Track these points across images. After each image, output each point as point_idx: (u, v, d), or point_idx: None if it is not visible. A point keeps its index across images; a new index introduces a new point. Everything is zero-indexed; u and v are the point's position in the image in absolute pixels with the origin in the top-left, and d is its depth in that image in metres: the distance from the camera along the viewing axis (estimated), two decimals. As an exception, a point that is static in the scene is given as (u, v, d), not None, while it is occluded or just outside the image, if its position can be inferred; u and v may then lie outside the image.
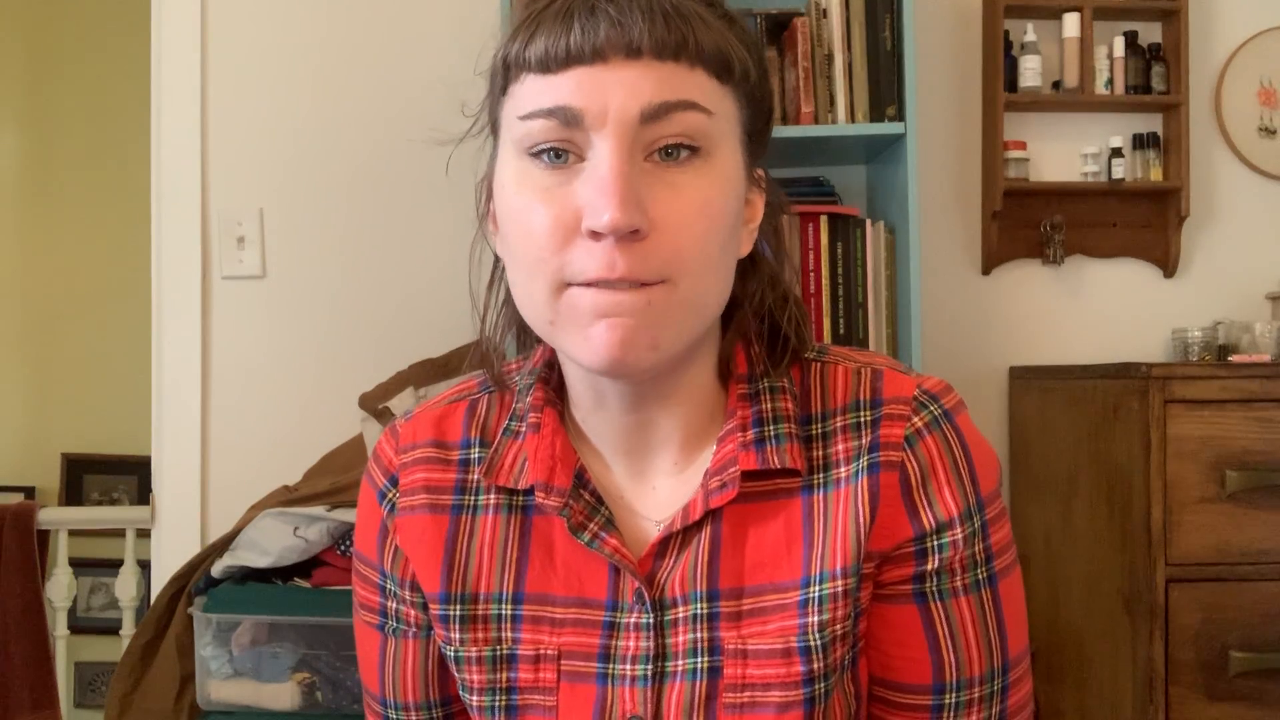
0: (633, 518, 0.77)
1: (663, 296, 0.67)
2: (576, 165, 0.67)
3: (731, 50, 0.69)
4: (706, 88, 0.68)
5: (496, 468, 0.78)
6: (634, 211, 0.65)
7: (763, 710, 0.72)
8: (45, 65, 3.76)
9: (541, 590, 0.77)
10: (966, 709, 0.76)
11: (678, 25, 0.66)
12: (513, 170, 0.70)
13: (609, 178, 0.65)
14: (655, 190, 0.67)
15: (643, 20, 0.66)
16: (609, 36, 0.65)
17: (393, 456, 0.82)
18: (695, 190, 0.68)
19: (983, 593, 0.75)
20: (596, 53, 0.66)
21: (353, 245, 2.25)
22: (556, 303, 0.68)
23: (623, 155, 0.66)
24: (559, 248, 0.67)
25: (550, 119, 0.67)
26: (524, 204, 0.68)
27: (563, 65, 0.66)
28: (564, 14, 0.67)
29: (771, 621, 0.73)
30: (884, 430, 0.74)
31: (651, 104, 0.66)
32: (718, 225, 0.69)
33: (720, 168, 0.69)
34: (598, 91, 0.66)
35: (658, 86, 0.66)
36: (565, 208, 0.67)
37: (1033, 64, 2.21)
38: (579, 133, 0.67)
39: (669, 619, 0.74)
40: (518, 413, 0.80)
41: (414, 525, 0.80)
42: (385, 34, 2.27)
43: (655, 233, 0.66)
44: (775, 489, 0.75)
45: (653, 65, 0.66)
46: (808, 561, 0.73)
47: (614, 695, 0.74)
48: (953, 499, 0.74)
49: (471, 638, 0.78)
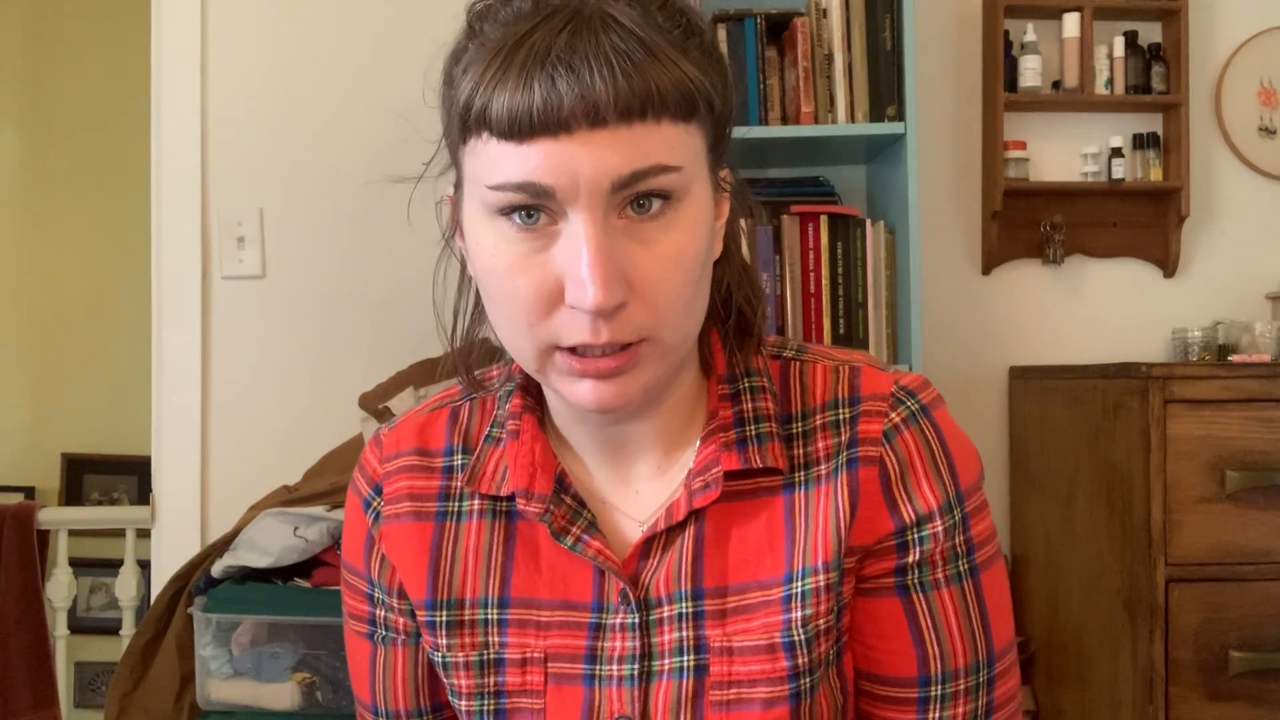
0: (616, 519, 0.78)
1: (647, 351, 0.68)
2: (550, 228, 0.67)
3: (693, 85, 0.67)
4: (673, 138, 0.66)
5: (479, 475, 0.79)
6: (616, 289, 0.65)
7: (749, 707, 0.73)
8: (45, 65, 3.75)
9: (527, 594, 0.77)
10: (953, 701, 0.76)
11: (637, 81, 0.64)
12: (485, 229, 0.69)
13: (589, 258, 0.64)
14: (629, 250, 0.66)
15: (603, 83, 0.63)
16: (572, 108, 0.63)
17: (377, 466, 0.83)
18: (669, 243, 0.67)
19: (965, 584, 0.76)
20: (561, 125, 0.63)
21: (353, 245, 2.25)
22: (545, 360, 0.69)
23: (599, 226, 0.65)
24: (543, 314, 0.67)
25: (520, 193, 0.66)
26: (504, 270, 0.68)
27: (527, 136, 0.64)
28: (523, 74, 0.64)
29: (756, 618, 0.74)
30: (862, 426, 0.75)
31: (621, 175, 0.65)
32: (692, 272, 0.69)
33: (690, 211, 0.68)
34: (565, 165, 0.64)
35: (626, 155, 0.64)
36: (546, 276, 0.66)
37: (1033, 64, 2.21)
38: (551, 201, 0.66)
39: (654, 618, 0.75)
40: (499, 419, 0.80)
41: (399, 533, 0.80)
42: (385, 34, 2.27)
43: (634, 296, 0.66)
44: (757, 488, 0.75)
45: (619, 132, 0.64)
46: (790, 558, 0.74)
47: (601, 696, 0.75)
48: (931, 492, 0.74)
49: (459, 643, 0.78)
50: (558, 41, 0.64)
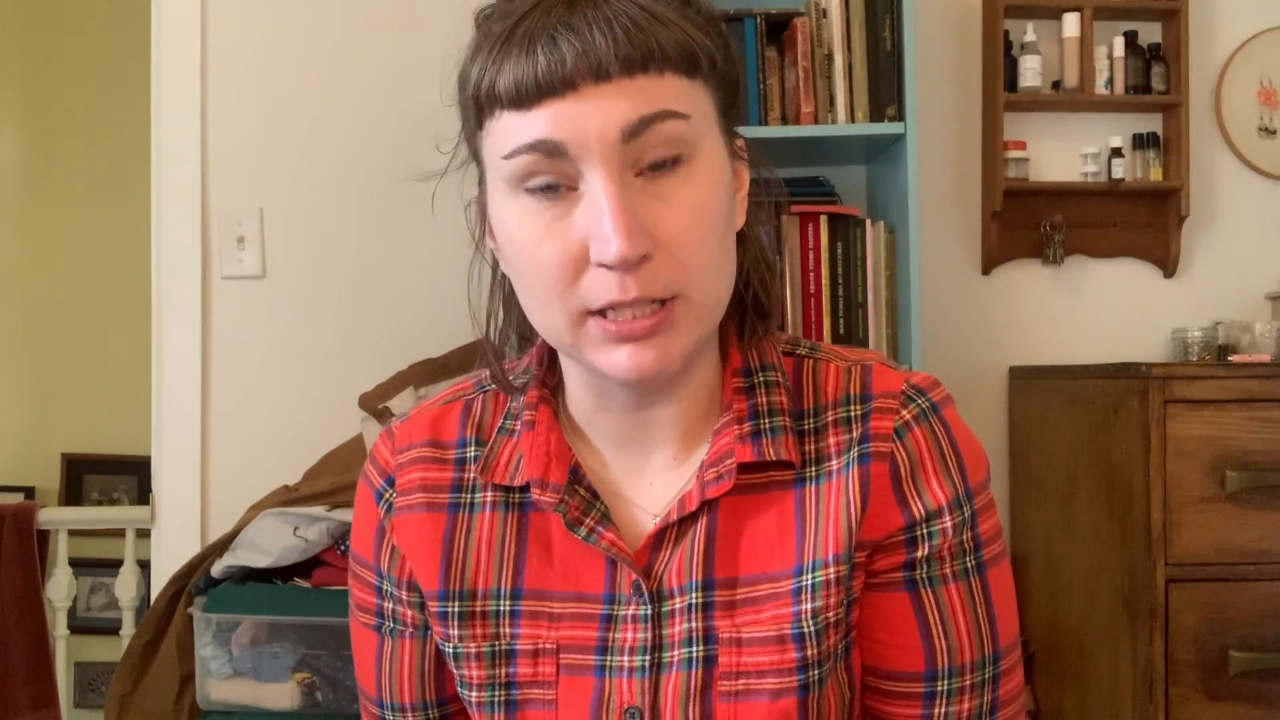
0: (629, 511, 0.78)
1: (680, 310, 0.69)
2: (571, 194, 0.68)
3: (695, 43, 0.69)
4: (679, 90, 0.68)
5: (492, 466, 0.79)
6: (639, 239, 0.66)
7: (758, 697, 0.73)
8: (45, 65, 3.76)
9: (539, 586, 0.78)
10: (958, 696, 0.77)
11: (638, 36, 0.66)
12: (509, 207, 0.70)
13: (610, 210, 0.66)
14: (649, 206, 0.68)
15: (604, 39, 0.66)
16: (575, 64, 0.65)
17: (389, 457, 0.83)
18: (686, 198, 0.69)
19: (972, 580, 0.76)
20: (566, 83, 0.66)
21: (353, 245, 2.25)
22: (578, 329, 0.70)
23: (615, 181, 0.67)
24: (572, 279, 0.68)
25: (533, 153, 0.67)
26: (529, 241, 0.69)
27: (535, 100, 0.67)
28: (526, 42, 0.67)
29: (765, 610, 0.74)
30: (874, 423, 0.76)
31: (630, 121, 0.66)
32: (714, 226, 0.70)
33: (706, 167, 0.70)
34: (575, 121, 0.66)
35: (633, 104, 0.66)
36: (571, 240, 0.68)
37: (1033, 64, 2.21)
38: (566, 163, 0.67)
39: (666, 610, 0.75)
40: (512, 411, 0.81)
41: (411, 524, 0.81)
42: (385, 33, 2.27)
43: (658, 250, 0.68)
44: (769, 481, 0.76)
45: (623, 84, 0.66)
46: (800, 550, 0.75)
47: (612, 687, 0.75)
48: (941, 488, 0.75)
49: (470, 634, 0.78)
50: (556, 11, 0.67)
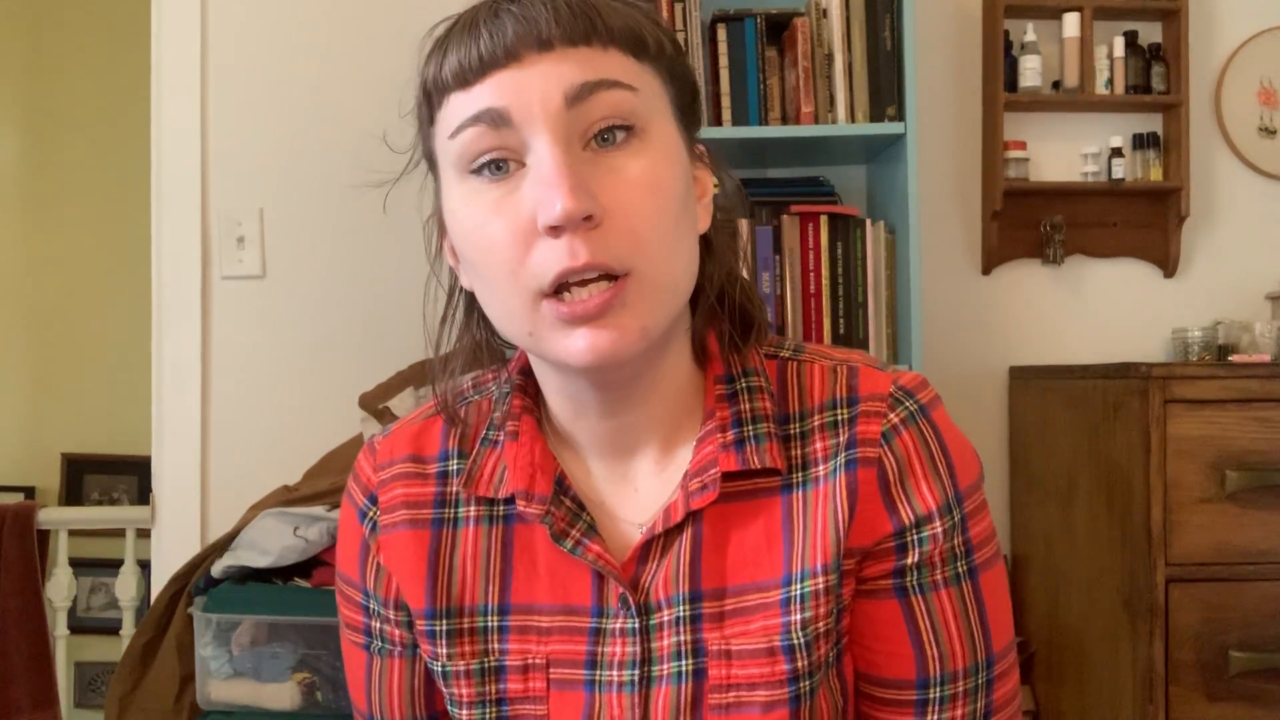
0: (614, 523, 0.77)
1: (633, 287, 0.67)
2: (519, 172, 0.68)
3: (643, 28, 0.69)
4: (625, 65, 0.68)
5: (476, 478, 0.78)
6: (584, 196, 0.65)
7: (749, 710, 0.72)
8: (45, 65, 3.75)
9: (527, 600, 0.76)
10: (951, 703, 0.75)
11: (582, 11, 0.67)
12: (459, 194, 0.70)
13: (553, 169, 0.65)
14: (599, 177, 0.67)
15: (547, 11, 0.66)
16: (517, 34, 0.66)
17: (371, 474, 0.82)
18: (637, 169, 0.68)
19: (963, 585, 0.75)
20: (509, 53, 0.66)
21: (353, 245, 2.25)
22: (534, 314, 0.68)
23: (560, 145, 0.66)
24: (523, 255, 0.67)
25: (477, 124, 0.67)
26: (477, 222, 0.68)
27: (479, 74, 0.67)
28: (470, 26, 0.68)
29: (754, 621, 0.73)
30: (861, 427, 0.74)
31: (573, 85, 0.66)
32: (668, 201, 0.69)
33: (657, 143, 0.69)
34: (518, 88, 0.66)
35: (576, 69, 0.66)
36: (519, 214, 0.67)
37: (1033, 64, 2.21)
38: (511, 134, 0.67)
39: (654, 623, 0.74)
40: (495, 422, 0.79)
41: (396, 542, 0.79)
42: (385, 33, 2.26)
43: (608, 218, 0.66)
44: (755, 489, 0.75)
45: (566, 53, 0.66)
46: (789, 560, 0.73)
47: (601, 702, 0.74)
48: (930, 493, 0.74)
49: (459, 651, 0.77)
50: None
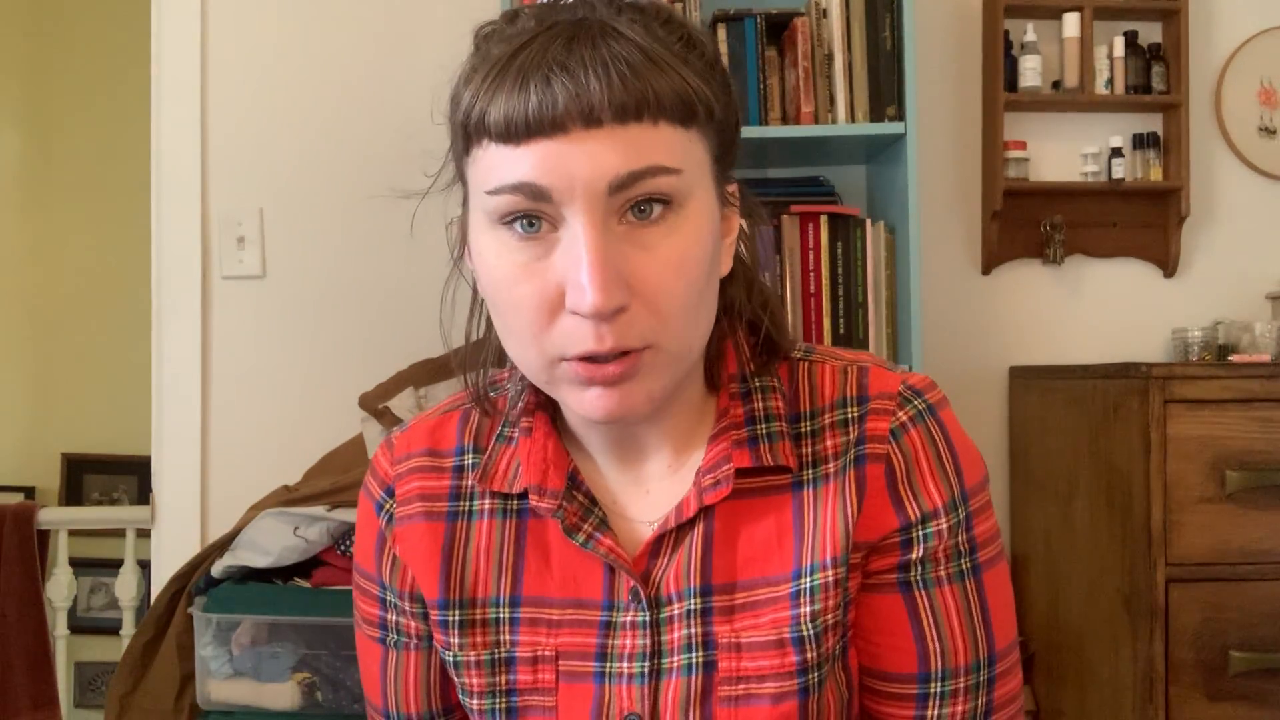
0: (625, 518, 0.78)
1: (649, 359, 0.68)
2: (551, 235, 0.67)
3: (692, 92, 0.67)
4: (672, 141, 0.67)
5: (490, 473, 0.79)
6: (616, 292, 0.65)
7: (758, 702, 0.73)
8: (45, 65, 3.76)
9: (538, 593, 0.78)
10: (952, 698, 0.76)
11: (634, 83, 0.64)
12: (488, 240, 0.69)
13: (588, 261, 0.64)
14: (630, 254, 0.66)
15: (598, 83, 0.64)
16: (567, 107, 0.64)
17: (388, 468, 0.83)
18: (670, 249, 0.67)
19: (967, 583, 0.76)
20: (556, 124, 0.64)
21: (353, 245, 2.25)
22: (551, 370, 0.69)
23: (597, 229, 0.65)
24: (547, 323, 0.67)
25: (516, 194, 0.66)
26: (506, 278, 0.68)
27: (523, 137, 0.65)
28: (519, 78, 0.65)
29: (764, 614, 0.74)
30: (870, 424, 0.76)
31: (619, 175, 0.65)
32: (695, 278, 0.69)
33: (693, 217, 0.68)
34: (562, 167, 0.65)
35: (623, 156, 0.65)
36: (547, 283, 0.67)
37: (1033, 64, 2.21)
38: (548, 205, 0.66)
39: (664, 616, 0.75)
40: (510, 419, 0.81)
41: (412, 534, 0.81)
42: (385, 33, 2.27)
43: (636, 300, 0.66)
44: (766, 486, 0.76)
45: (615, 131, 0.64)
46: (798, 554, 0.75)
47: (611, 694, 0.75)
48: (937, 490, 0.75)
49: (470, 642, 0.78)
50: (554, 47, 0.65)
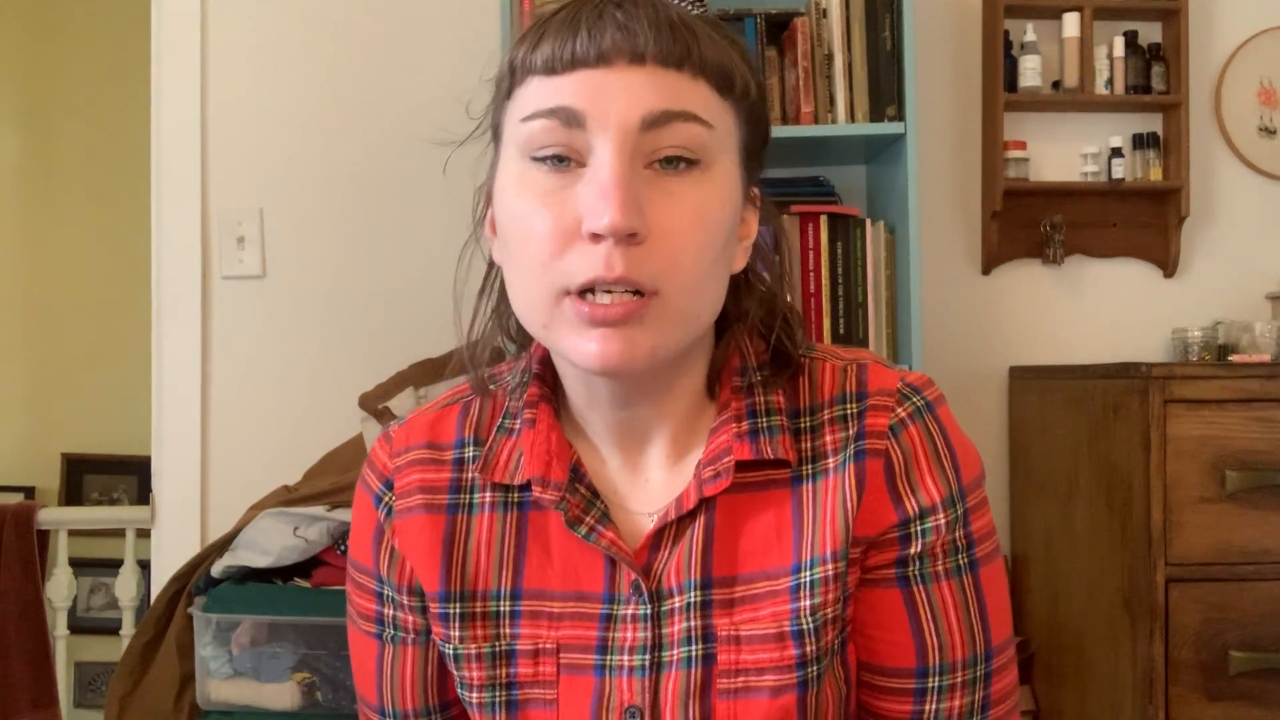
0: (627, 511, 0.79)
1: (655, 308, 0.69)
2: (577, 170, 0.69)
3: (734, 66, 0.71)
4: (708, 100, 0.70)
5: (492, 464, 0.79)
6: (633, 214, 0.66)
7: (757, 694, 0.74)
8: (45, 65, 3.76)
9: (539, 585, 0.78)
10: (949, 693, 0.77)
11: (683, 36, 0.68)
12: (514, 173, 0.71)
13: (610, 181, 0.66)
14: (653, 197, 0.68)
15: (649, 28, 0.67)
16: (615, 41, 0.67)
17: (387, 461, 0.83)
18: (692, 199, 0.69)
19: (964, 578, 0.77)
20: (601, 56, 0.67)
21: (353, 245, 2.25)
22: (554, 309, 0.70)
23: (623, 159, 0.67)
24: (559, 251, 0.68)
25: (552, 119, 0.68)
26: (525, 207, 0.70)
27: (567, 67, 0.68)
28: (571, 20, 0.69)
29: (763, 608, 0.75)
30: (869, 420, 0.76)
31: (653, 111, 0.67)
32: (712, 236, 0.70)
33: (717, 180, 0.71)
34: (600, 93, 0.67)
35: (660, 94, 0.68)
36: (565, 211, 0.68)
37: (1033, 64, 2.21)
38: (580, 134, 0.68)
39: (665, 609, 0.76)
40: (511, 410, 0.81)
41: (412, 526, 0.81)
42: (385, 33, 2.27)
43: (652, 238, 0.68)
44: (766, 480, 0.77)
45: (656, 72, 0.67)
46: (798, 548, 0.75)
47: (612, 686, 0.75)
48: (935, 485, 0.76)
49: (471, 635, 0.78)
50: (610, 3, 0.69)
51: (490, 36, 2.07)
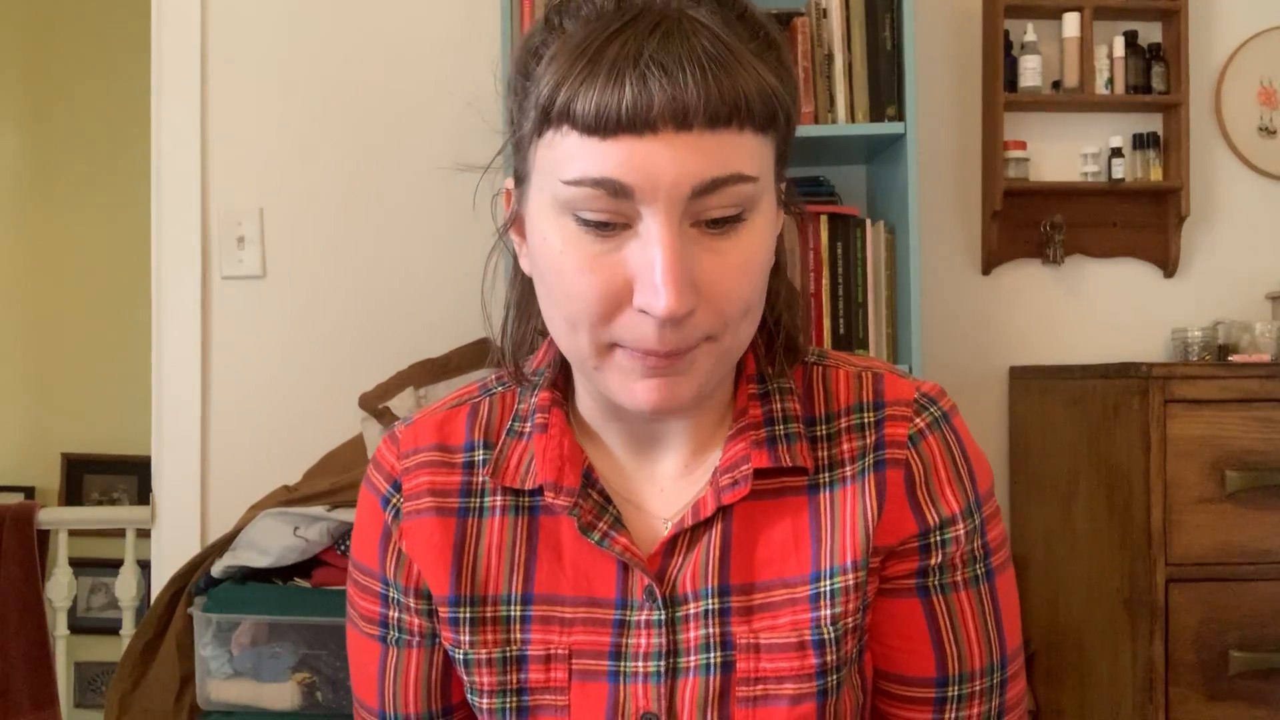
0: (640, 517, 0.78)
1: (706, 350, 0.69)
2: (625, 232, 0.67)
3: (775, 96, 0.67)
4: (752, 148, 0.67)
5: (502, 468, 0.79)
6: (688, 296, 0.65)
7: (776, 703, 0.73)
8: (45, 65, 3.76)
9: (550, 590, 0.77)
10: (968, 701, 0.77)
11: (728, 88, 0.64)
12: (554, 227, 0.68)
13: (665, 263, 0.64)
14: (700, 257, 0.67)
15: (694, 83, 0.63)
16: (661, 107, 0.63)
17: (394, 462, 0.82)
18: (739, 254, 0.68)
19: (981, 587, 0.78)
20: (647, 124, 0.63)
21: (353, 245, 2.25)
22: (603, 357, 0.69)
23: (674, 232, 0.65)
24: (609, 314, 0.67)
25: (598, 189, 0.65)
26: (570, 268, 0.67)
27: (612, 132, 0.64)
28: (613, 70, 0.64)
29: (782, 616, 0.74)
30: (888, 430, 0.76)
31: (704, 181, 0.65)
32: (758, 282, 0.70)
33: (761, 223, 0.69)
34: (648, 165, 0.64)
35: (709, 162, 0.65)
36: (615, 276, 0.67)
37: (1033, 64, 2.21)
38: (627, 203, 0.66)
39: (680, 615, 0.75)
40: (520, 413, 0.80)
41: (421, 529, 0.80)
42: (385, 34, 2.27)
43: (702, 303, 0.67)
44: (782, 487, 0.76)
45: (704, 136, 0.64)
46: (816, 557, 0.75)
47: (626, 693, 0.75)
48: (954, 496, 0.76)
49: (481, 640, 0.78)
50: (650, 42, 0.64)
51: (491, 36, 2.07)
